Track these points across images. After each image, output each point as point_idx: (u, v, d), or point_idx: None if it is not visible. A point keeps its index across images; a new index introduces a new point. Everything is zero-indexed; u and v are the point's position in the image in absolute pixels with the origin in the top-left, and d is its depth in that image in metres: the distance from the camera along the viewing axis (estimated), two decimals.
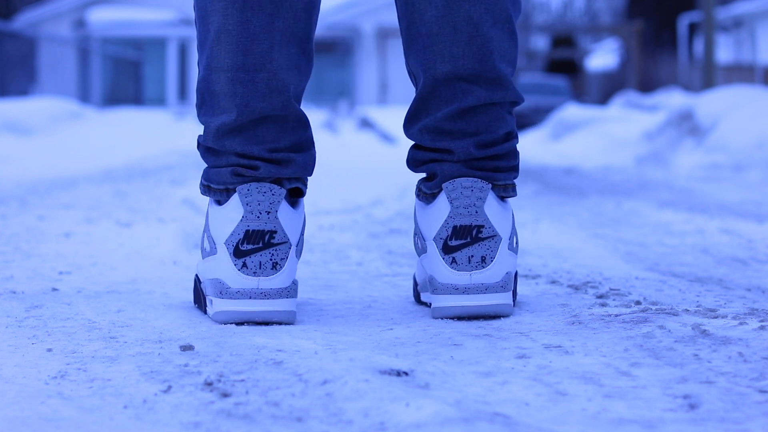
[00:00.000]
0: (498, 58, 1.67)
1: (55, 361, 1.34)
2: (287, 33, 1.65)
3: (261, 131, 1.65)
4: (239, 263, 1.60)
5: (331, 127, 13.82)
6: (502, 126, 1.69)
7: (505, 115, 1.70)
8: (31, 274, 2.16)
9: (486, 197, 1.65)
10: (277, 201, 1.62)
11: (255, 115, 1.64)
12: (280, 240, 1.61)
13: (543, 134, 11.52)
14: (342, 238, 2.89)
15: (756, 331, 1.43)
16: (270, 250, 1.60)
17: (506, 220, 1.67)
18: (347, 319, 1.69)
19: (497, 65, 1.67)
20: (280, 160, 1.65)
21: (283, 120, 1.67)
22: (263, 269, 1.60)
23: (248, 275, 1.60)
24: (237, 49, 1.63)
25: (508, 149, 1.70)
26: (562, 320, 1.60)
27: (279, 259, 1.61)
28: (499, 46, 1.67)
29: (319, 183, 1.92)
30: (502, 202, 1.69)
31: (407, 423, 1.04)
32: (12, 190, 4.41)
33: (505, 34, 1.68)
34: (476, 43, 1.65)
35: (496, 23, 1.67)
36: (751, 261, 2.43)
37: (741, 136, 6.13)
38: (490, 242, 1.63)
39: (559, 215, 3.62)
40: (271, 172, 1.64)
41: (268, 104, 1.65)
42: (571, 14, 44.98)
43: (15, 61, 15.29)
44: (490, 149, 1.68)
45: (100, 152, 7.50)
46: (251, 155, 1.65)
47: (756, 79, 19.47)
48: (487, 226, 1.64)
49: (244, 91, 1.64)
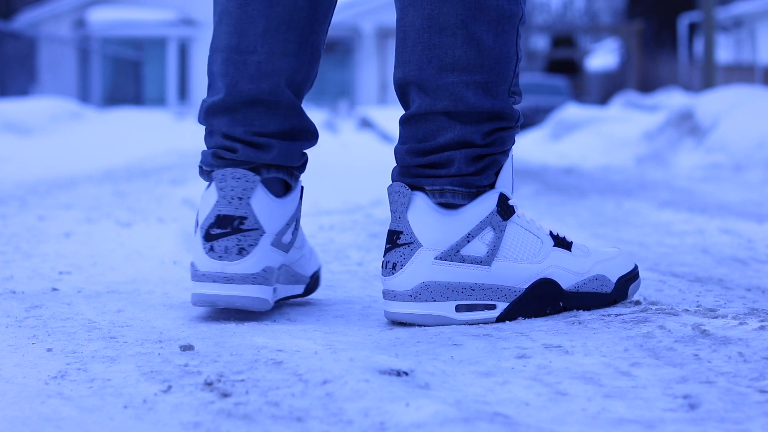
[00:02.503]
0: (439, 66, 1.59)
1: (55, 361, 1.34)
2: (285, 19, 1.66)
3: (249, 114, 1.67)
4: (207, 246, 1.63)
5: (331, 127, 13.82)
6: (444, 135, 1.61)
7: (453, 125, 1.60)
8: (31, 274, 2.16)
9: (408, 203, 1.60)
10: (250, 187, 1.63)
11: (243, 96, 1.66)
12: (249, 226, 1.63)
13: (543, 134, 11.52)
14: (342, 238, 2.89)
15: (756, 331, 1.43)
16: (237, 235, 1.62)
17: (438, 228, 1.59)
18: (347, 319, 1.69)
19: (437, 74, 1.59)
20: (260, 144, 1.66)
21: (274, 105, 1.67)
22: (228, 254, 1.62)
23: (213, 259, 1.62)
24: (234, 30, 1.66)
25: (447, 158, 1.60)
26: (562, 320, 1.60)
27: (246, 245, 1.62)
28: (445, 53, 1.58)
29: (319, 183, 1.92)
30: (442, 209, 1.60)
31: (407, 423, 1.04)
32: (12, 190, 4.41)
33: (457, 40, 1.58)
34: (418, 50, 1.60)
35: (443, 30, 1.58)
36: (751, 261, 2.43)
37: (741, 136, 6.13)
38: (404, 249, 1.59)
39: (559, 215, 3.62)
40: (248, 156, 1.66)
41: (257, 87, 1.66)
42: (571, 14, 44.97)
43: (15, 61, 15.29)
44: (423, 157, 1.61)
45: (100, 152, 7.50)
46: (233, 136, 1.66)
47: (756, 79, 19.47)
48: (406, 233, 1.59)
49: (235, 71, 1.66)
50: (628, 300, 1.72)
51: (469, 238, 1.60)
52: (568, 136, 10.26)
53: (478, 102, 1.60)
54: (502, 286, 1.61)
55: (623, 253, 1.74)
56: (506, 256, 1.62)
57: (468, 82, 1.59)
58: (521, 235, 1.64)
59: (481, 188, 1.62)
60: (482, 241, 1.60)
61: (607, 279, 1.69)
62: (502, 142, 1.64)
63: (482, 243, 1.60)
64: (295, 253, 1.78)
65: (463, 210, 1.60)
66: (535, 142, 10.98)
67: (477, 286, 1.60)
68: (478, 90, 1.60)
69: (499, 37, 1.61)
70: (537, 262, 1.64)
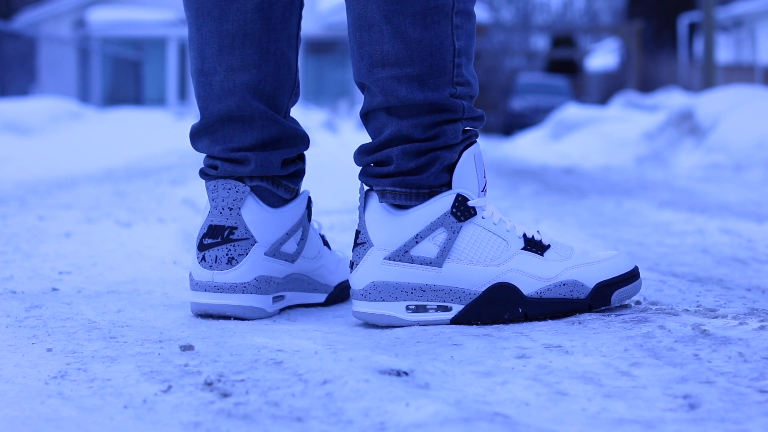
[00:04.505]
0: (370, 63, 1.59)
1: (55, 361, 1.34)
2: (238, 35, 1.69)
3: (226, 131, 1.71)
4: (200, 256, 1.68)
5: (331, 127, 13.82)
6: (383, 132, 1.61)
7: (391, 121, 1.60)
8: (31, 274, 2.16)
9: (366, 204, 1.63)
10: (240, 198, 1.68)
11: (215, 116, 1.71)
12: (240, 236, 1.67)
13: (543, 134, 11.52)
14: (342, 238, 2.89)
15: (756, 331, 1.43)
16: (227, 245, 1.67)
17: (388, 228, 1.59)
18: (347, 319, 1.69)
19: (370, 70, 1.59)
20: (237, 159, 1.70)
21: (248, 119, 1.70)
22: (218, 263, 1.66)
23: (205, 268, 1.67)
24: (197, 54, 1.72)
25: (386, 156, 1.60)
26: (562, 320, 1.60)
27: (236, 255, 1.66)
28: (374, 50, 1.59)
29: (319, 183, 1.92)
30: (393, 209, 1.60)
31: (407, 423, 1.04)
32: (12, 190, 4.41)
33: (384, 36, 1.58)
34: (354, 49, 1.63)
35: (371, 27, 1.58)
36: (751, 261, 2.43)
37: (741, 136, 6.13)
38: (360, 249, 1.62)
39: (559, 215, 3.62)
40: (227, 171, 1.70)
41: (224, 105, 1.70)
42: (571, 14, 44.97)
43: (15, 61, 15.29)
44: (369, 156, 1.63)
45: (100, 152, 7.50)
46: (213, 155, 1.72)
47: (756, 79, 19.47)
48: (363, 233, 1.63)
49: (204, 93, 1.71)
50: (612, 305, 1.64)
51: (418, 239, 1.59)
52: (568, 136, 10.27)
53: (410, 95, 1.58)
54: (455, 288, 1.59)
55: (617, 257, 1.66)
56: (459, 257, 1.59)
57: (399, 76, 1.58)
58: (480, 237, 1.60)
59: (434, 188, 1.60)
60: (433, 242, 1.59)
61: (580, 284, 1.61)
62: (446, 135, 1.60)
63: (433, 244, 1.59)
64: (309, 263, 1.78)
65: (413, 210, 1.60)
66: (535, 142, 10.98)
67: (428, 287, 1.59)
68: (412, 83, 1.59)
69: (428, 29, 1.58)
70: (495, 265, 1.60)
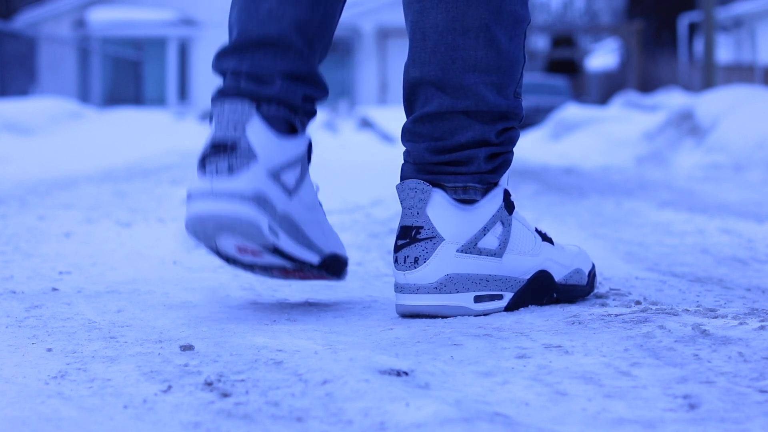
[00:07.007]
0: (463, 67, 1.65)
1: (55, 361, 1.34)
2: None
3: (257, 54, 1.68)
4: (201, 171, 1.61)
5: (331, 127, 13.83)
6: (463, 134, 1.67)
7: (472, 124, 1.67)
8: (31, 274, 2.16)
9: (428, 199, 1.65)
10: (246, 118, 1.63)
11: (252, 38, 1.68)
12: (242, 151, 1.61)
13: (543, 134, 11.52)
14: (342, 238, 2.88)
15: (756, 331, 1.43)
16: (229, 156, 1.60)
17: (457, 222, 1.65)
18: (347, 319, 1.69)
19: (461, 74, 1.65)
20: (263, 77, 1.67)
21: (283, 49, 1.68)
22: (219, 173, 1.59)
23: (203, 178, 1.60)
24: None
25: (468, 156, 1.67)
26: (562, 320, 1.60)
27: (237, 166, 1.60)
28: (468, 54, 1.65)
29: (319, 183, 1.92)
30: (460, 204, 1.66)
31: (407, 423, 1.04)
32: (12, 190, 4.41)
33: (479, 42, 1.65)
34: (440, 50, 1.65)
35: (467, 32, 1.64)
36: (751, 261, 2.43)
37: (741, 136, 6.13)
38: (426, 243, 1.63)
39: (559, 215, 3.62)
40: (250, 88, 1.66)
41: (265, 30, 1.68)
42: (571, 14, 44.98)
43: (15, 61, 15.29)
44: (443, 155, 1.67)
45: (100, 152, 7.50)
46: (239, 71, 1.68)
47: (756, 79, 19.48)
48: (427, 228, 1.64)
49: (247, 17, 1.69)
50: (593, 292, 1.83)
51: (485, 232, 1.67)
52: (568, 136, 10.27)
53: (496, 102, 1.67)
54: (510, 277, 1.70)
55: (583, 250, 1.85)
56: (512, 248, 1.71)
57: (487, 83, 1.66)
58: (521, 230, 1.73)
59: (490, 185, 1.70)
60: (494, 234, 1.68)
61: (583, 272, 1.79)
62: (511, 141, 1.72)
63: (494, 236, 1.69)
64: (302, 207, 1.72)
65: (478, 205, 1.68)
66: (535, 142, 10.98)
67: (491, 277, 1.67)
68: (493, 90, 1.67)
69: (513, 41, 1.68)
70: (535, 255, 1.73)
